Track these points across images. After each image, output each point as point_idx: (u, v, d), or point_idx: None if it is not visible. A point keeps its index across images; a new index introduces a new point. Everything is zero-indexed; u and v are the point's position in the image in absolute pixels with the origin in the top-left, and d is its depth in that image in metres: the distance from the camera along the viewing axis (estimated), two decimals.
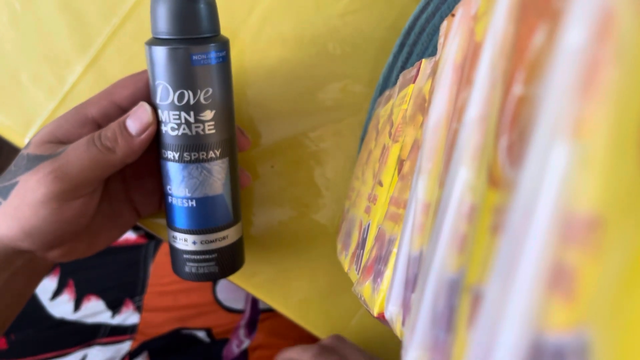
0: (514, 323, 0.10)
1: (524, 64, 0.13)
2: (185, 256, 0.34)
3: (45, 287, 0.53)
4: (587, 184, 0.09)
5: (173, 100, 0.31)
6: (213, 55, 0.31)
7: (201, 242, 0.33)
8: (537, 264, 0.10)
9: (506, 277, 0.11)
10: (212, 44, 0.31)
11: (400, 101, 0.27)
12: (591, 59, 0.10)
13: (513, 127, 0.12)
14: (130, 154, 0.32)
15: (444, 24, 0.21)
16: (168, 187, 0.33)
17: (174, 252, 0.35)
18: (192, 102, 0.31)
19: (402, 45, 0.37)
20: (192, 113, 0.31)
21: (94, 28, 0.39)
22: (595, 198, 0.09)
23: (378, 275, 0.21)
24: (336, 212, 0.40)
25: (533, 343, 0.09)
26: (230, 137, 0.34)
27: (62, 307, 0.53)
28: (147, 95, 0.33)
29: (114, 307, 0.52)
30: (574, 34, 0.10)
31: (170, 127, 0.32)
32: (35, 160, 0.31)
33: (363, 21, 0.39)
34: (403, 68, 0.37)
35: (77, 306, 0.52)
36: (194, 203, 0.33)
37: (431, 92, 0.20)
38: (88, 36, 0.39)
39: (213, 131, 0.32)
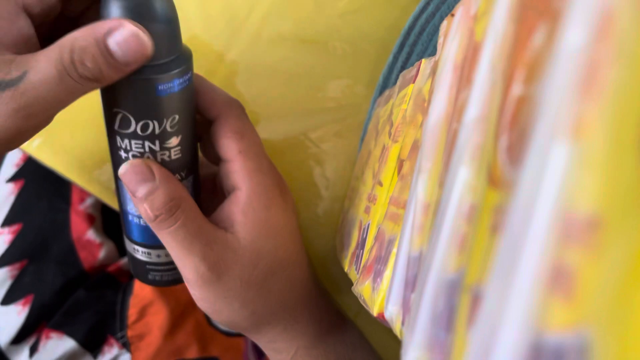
0: (513, 323, 0.10)
1: (523, 63, 0.13)
2: (148, 266, 0.32)
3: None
4: (587, 184, 0.09)
5: (135, 130, 0.26)
6: (180, 80, 0.26)
7: (165, 255, 0.31)
8: (537, 264, 0.10)
9: (506, 277, 0.11)
10: (179, 69, 0.26)
11: (400, 101, 0.27)
12: (591, 59, 0.10)
13: (513, 127, 0.12)
14: (115, 80, 0.25)
15: (444, 24, 0.21)
16: (128, 207, 0.30)
17: (134, 261, 0.33)
18: (157, 131, 0.27)
19: (402, 45, 0.37)
20: (157, 142, 0.27)
21: None
22: (594, 198, 0.09)
23: (378, 275, 0.21)
24: (336, 212, 0.40)
25: (533, 343, 0.09)
26: (194, 154, 0.30)
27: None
28: None
29: (93, 347, 0.44)
30: (574, 34, 0.10)
31: (132, 155, 0.28)
32: None
33: (363, 21, 0.39)
34: (403, 68, 0.37)
35: (34, 349, 0.43)
36: None
37: (431, 92, 0.20)
38: None
39: (179, 155, 0.29)
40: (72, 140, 0.39)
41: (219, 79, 0.40)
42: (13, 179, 0.46)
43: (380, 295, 0.20)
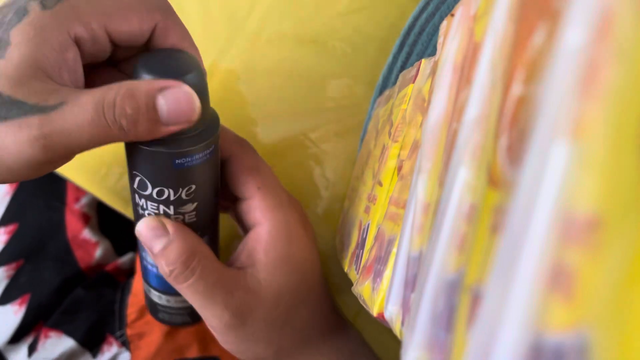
0: (513, 323, 0.10)
1: (523, 63, 0.13)
2: (158, 307, 0.33)
3: None
4: (587, 184, 0.09)
5: (151, 194, 0.27)
6: (201, 154, 0.26)
7: (175, 301, 0.32)
8: (537, 263, 0.10)
9: (506, 277, 0.11)
10: (201, 144, 0.26)
11: (400, 101, 0.27)
12: (591, 59, 0.10)
13: (513, 127, 0.12)
14: (146, 138, 0.24)
15: (444, 24, 0.21)
16: (144, 253, 0.31)
17: (147, 297, 0.34)
18: (172, 198, 0.27)
19: (401, 45, 0.37)
20: (172, 207, 0.28)
21: None
22: (594, 198, 0.09)
23: (378, 275, 0.21)
24: (336, 212, 0.40)
25: (533, 343, 0.09)
26: (212, 216, 0.30)
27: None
28: (148, 43, 0.26)
29: (92, 346, 0.43)
30: (574, 34, 0.10)
31: (148, 213, 0.28)
32: (13, 107, 0.22)
33: (363, 21, 0.39)
34: (403, 68, 0.37)
35: (32, 348, 0.43)
36: None
37: (431, 92, 0.20)
38: None
39: (194, 219, 0.29)
40: None
41: (219, 79, 0.40)
42: None
43: (380, 295, 0.20)
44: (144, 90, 0.23)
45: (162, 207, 0.28)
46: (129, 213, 0.39)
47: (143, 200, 0.28)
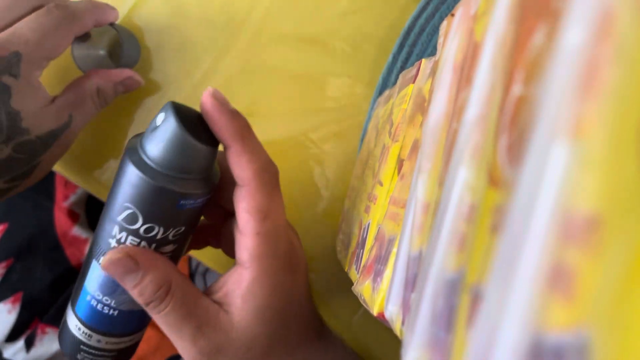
0: (513, 322, 0.10)
1: (523, 63, 0.13)
2: (82, 346, 0.31)
3: None
4: (587, 184, 0.09)
5: (138, 230, 0.27)
6: (200, 200, 0.27)
7: (106, 342, 0.30)
8: (537, 263, 0.10)
9: (506, 277, 0.11)
10: (203, 190, 0.27)
11: (400, 101, 0.27)
12: (591, 59, 0.10)
13: (513, 126, 0.12)
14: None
15: (444, 24, 0.21)
16: (89, 287, 0.29)
17: (68, 335, 0.31)
18: (159, 236, 0.27)
19: (401, 45, 0.37)
20: (154, 245, 0.27)
21: None
22: (594, 197, 0.09)
23: (378, 274, 0.21)
24: (336, 212, 0.40)
25: (532, 342, 0.09)
26: (179, 258, 0.30)
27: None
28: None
29: None
30: (574, 34, 0.10)
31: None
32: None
33: (363, 21, 0.39)
34: (403, 68, 0.37)
35: (30, 342, 0.43)
36: (115, 313, 0.29)
37: (431, 92, 0.20)
38: None
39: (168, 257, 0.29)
40: None
41: (219, 79, 0.40)
42: None
43: (380, 295, 0.20)
44: (114, 85, 0.36)
45: (143, 244, 0.27)
46: None
47: (124, 234, 0.27)
